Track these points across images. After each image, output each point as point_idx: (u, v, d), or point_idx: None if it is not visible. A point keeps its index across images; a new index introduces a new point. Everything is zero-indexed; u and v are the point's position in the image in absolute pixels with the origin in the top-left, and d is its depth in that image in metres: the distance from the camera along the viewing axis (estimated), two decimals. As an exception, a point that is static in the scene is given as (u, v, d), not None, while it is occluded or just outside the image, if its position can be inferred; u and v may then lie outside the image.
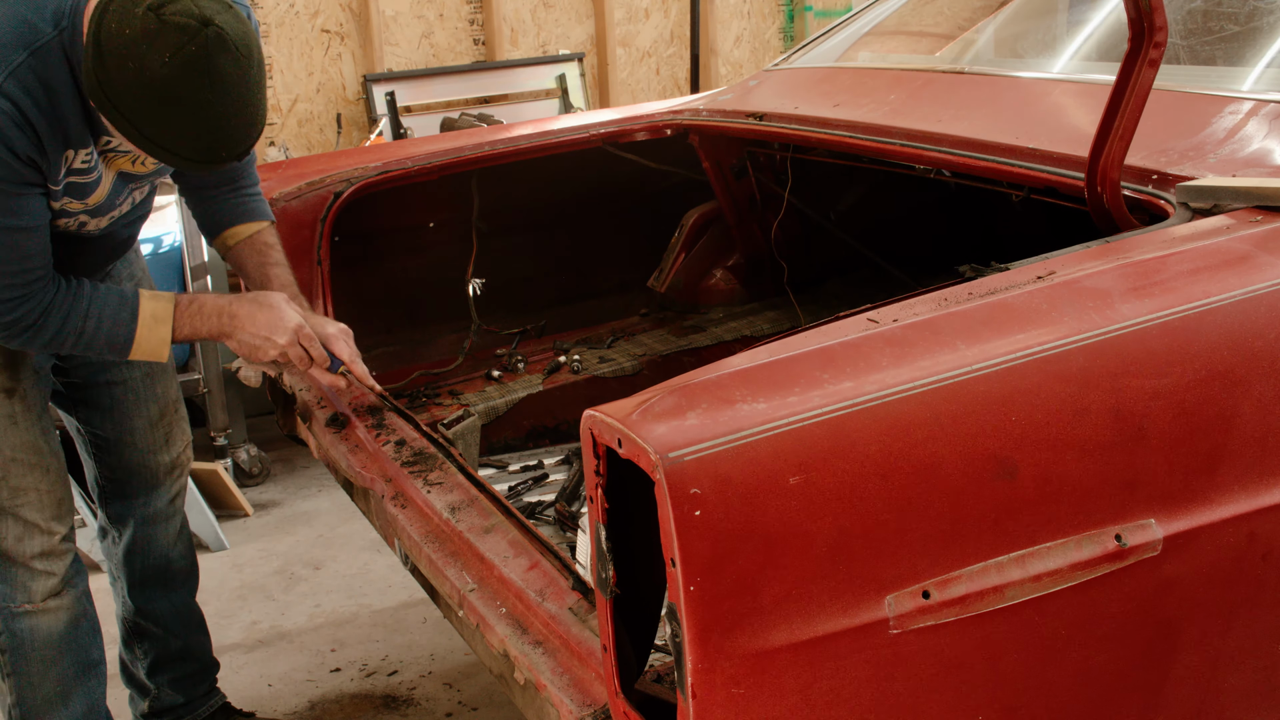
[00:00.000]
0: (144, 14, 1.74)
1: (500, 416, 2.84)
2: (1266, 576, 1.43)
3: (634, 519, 1.29)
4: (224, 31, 1.76)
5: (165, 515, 2.54)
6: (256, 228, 2.35)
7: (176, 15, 1.74)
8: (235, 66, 1.78)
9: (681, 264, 3.20)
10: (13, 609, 2.24)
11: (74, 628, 2.30)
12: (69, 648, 2.30)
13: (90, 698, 2.36)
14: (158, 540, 2.54)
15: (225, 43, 1.76)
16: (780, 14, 6.41)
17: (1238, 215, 1.62)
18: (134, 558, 2.54)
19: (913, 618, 1.23)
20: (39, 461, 2.20)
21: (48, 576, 2.24)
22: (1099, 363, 1.33)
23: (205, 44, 1.75)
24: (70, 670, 2.31)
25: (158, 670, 2.61)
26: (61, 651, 2.29)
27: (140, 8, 1.75)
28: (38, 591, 2.24)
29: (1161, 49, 1.66)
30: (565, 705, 1.44)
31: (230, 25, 1.77)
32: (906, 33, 3.14)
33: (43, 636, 2.27)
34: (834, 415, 1.22)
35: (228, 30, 1.77)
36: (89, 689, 2.35)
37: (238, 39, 1.78)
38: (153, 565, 2.55)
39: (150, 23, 1.74)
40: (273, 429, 2.95)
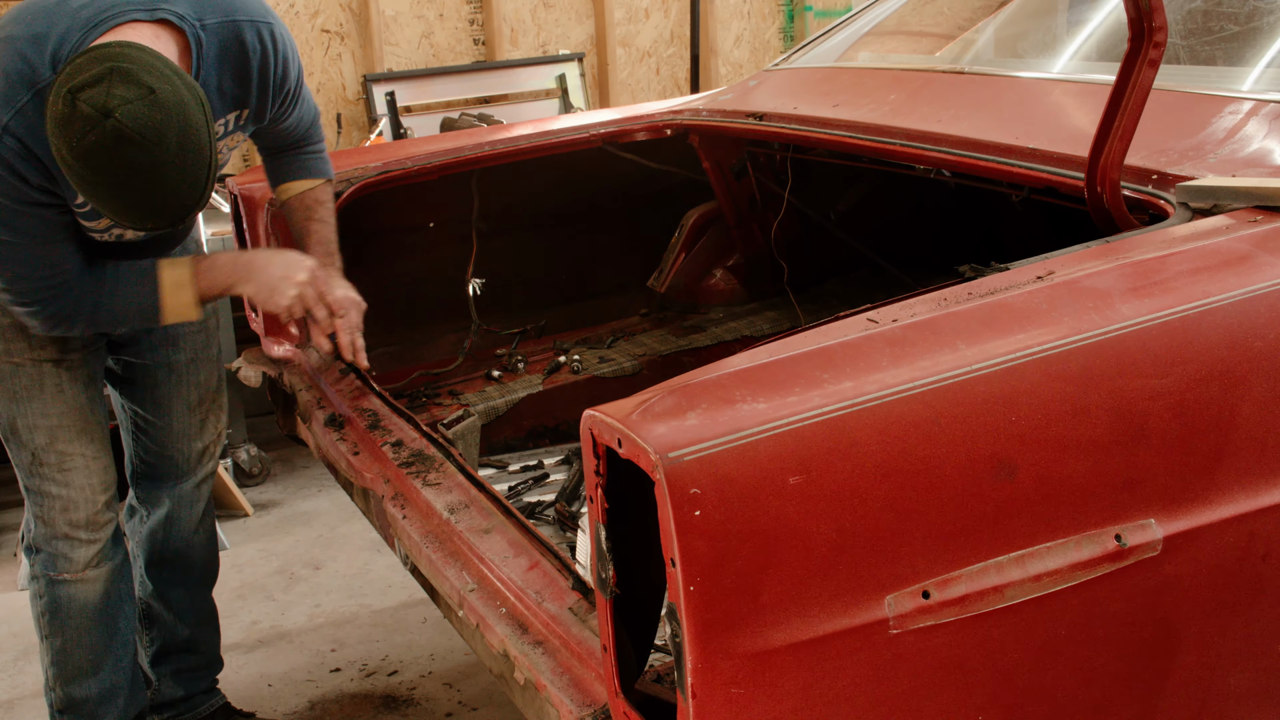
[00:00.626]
0: (65, 96, 1.79)
1: (500, 416, 2.84)
2: (1266, 576, 1.43)
3: (634, 519, 1.29)
4: (122, 126, 1.77)
5: (191, 499, 2.60)
6: (309, 184, 2.43)
7: (85, 104, 1.77)
8: (140, 155, 1.79)
9: (681, 264, 3.20)
10: (53, 576, 2.33)
11: (108, 599, 2.39)
12: (102, 619, 2.39)
13: (118, 667, 2.44)
14: (180, 523, 2.59)
15: (124, 136, 1.77)
16: (780, 14, 6.40)
17: (1238, 215, 1.62)
18: (155, 537, 2.59)
19: (913, 618, 1.23)
20: (85, 429, 2.29)
21: (90, 545, 2.33)
22: (1099, 363, 1.33)
23: (103, 136, 1.77)
24: (101, 641, 2.40)
25: (162, 660, 2.65)
26: (96, 622, 2.38)
27: (65, 88, 1.79)
28: (79, 560, 2.33)
29: (1161, 49, 1.66)
30: (565, 705, 1.44)
31: (136, 116, 1.77)
32: (906, 33, 3.14)
33: (79, 605, 2.36)
34: (834, 415, 1.22)
35: (127, 123, 1.77)
36: (118, 659, 2.44)
37: (141, 129, 1.78)
38: (172, 548, 2.60)
39: (66, 106, 1.79)
40: (273, 429, 2.95)
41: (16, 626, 3.41)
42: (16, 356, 2.23)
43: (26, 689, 3.11)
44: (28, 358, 2.24)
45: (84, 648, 2.39)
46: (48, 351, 2.24)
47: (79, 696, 2.42)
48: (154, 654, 2.66)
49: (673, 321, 3.21)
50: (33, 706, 3.02)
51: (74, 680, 2.41)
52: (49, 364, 2.25)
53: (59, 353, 2.25)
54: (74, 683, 2.41)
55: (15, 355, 2.23)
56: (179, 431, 2.54)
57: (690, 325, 3.18)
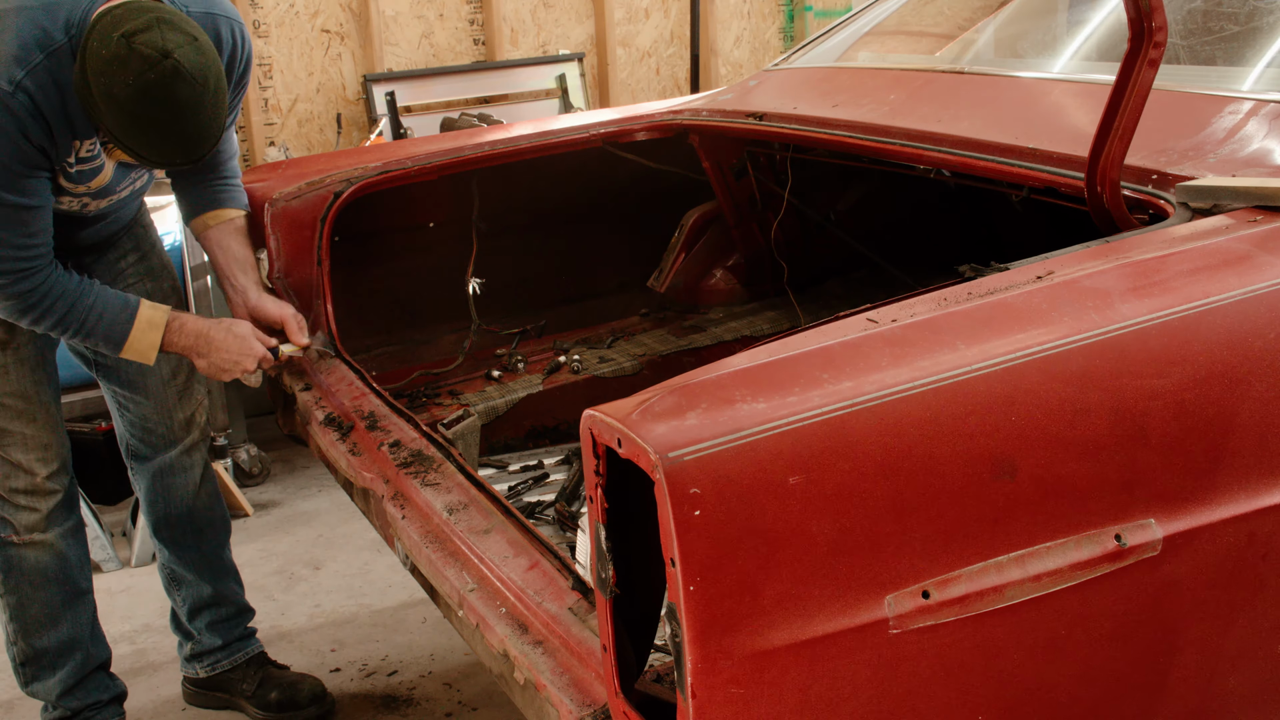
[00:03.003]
0: (118, 40, 2.03)
1: (500, 416, 2.84)
2: (1266, 576, 1.43)
3: (634, 519, 1.29)
4: (180, 65, 2.05)
5: (183, 467, 2.77)
6: (228, 215, 2.58)
7: (143, 45, 2.03)
8: (190, 93, 2.07)
9: (681, 264, 3.20)
10: (2, 538, 2.54)
11: (59, 560, 2.58)
12: (54, 578, 2.59)
13: (77, 622, 2.65)
14: (176, 491, 2.77)
15: (181, 74, 2.05)
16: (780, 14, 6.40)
17: (1238, 215, 1.62)
18: (156, 507, 2.78)
19: (913, 618, 1.23)
20: (26, 409, 2.47)
21: (30, 512, 2.53)
22: (1099, 363, 1.33)
23: (163, 74, 2.04)
24: (57, 598, 2.60)
25: (196, 615, 2.86)
26: (48, 580, 2.58)
27: (117, 33, 2.04)
28: (21, 525, 2.53)
29: (1161, 49, 1.66)
30: (565, 705, 1.44)
31: (189, 58, 2.06)
32: (906, 33, 3.14)
33: (30, 566, 2.56)
34: (834, 415, 1.22)
35: (184, 63, 2.05)
36: (76, 614, 2.64)
37: (194, 70, 2.06)
38: (175, 515, 2.79)
39: (121, 49, 2.03)
40: (273, 429, 2.95)
41: (16, 626, 3.41)
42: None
43: (26, 689, 3.11)
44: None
45: (39, 603, 2.59)
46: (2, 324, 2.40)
47: (38, 648, 2.62)
48: (188, 611, 2.86)
49: (673, 321, 3.21)
50: (33, 706, 3.02)
51: (32, 634, 2.61)
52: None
53: (5, 333, 2.42)
54: (32, 636, 2.61)
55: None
56: (159, 405, 2.71)
57: (690, 325, 3.18)
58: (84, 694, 2.68)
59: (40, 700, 2.71)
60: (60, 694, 2.66)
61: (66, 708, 2.68)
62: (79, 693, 2.68)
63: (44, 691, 2.67)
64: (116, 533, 3.92)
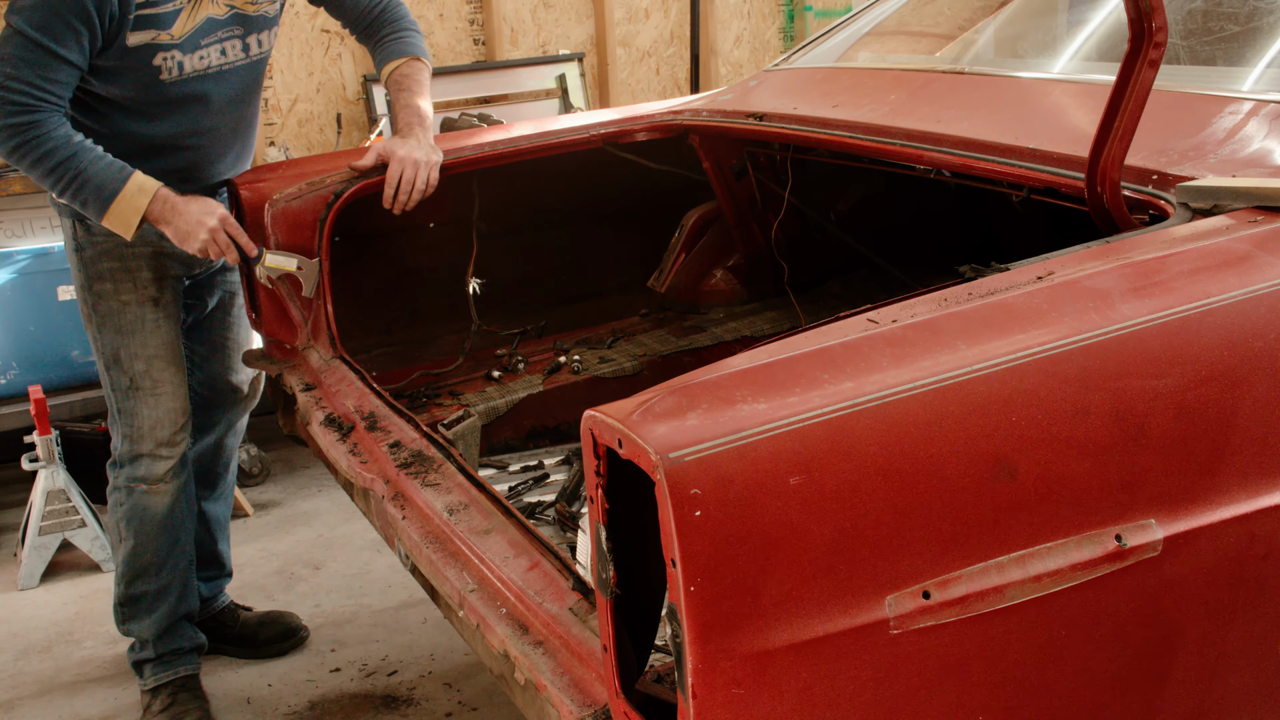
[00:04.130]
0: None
1: (500, 416, 2.84)
2: (1266, 577, 1.43)
3: (634, 519, 1.29)
4: None
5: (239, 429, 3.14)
6: (398, 64, 2.74)
7: None
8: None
9: (681, 264, 3.20)
10: (134, 487, 2.77)
11: (174, 510, 2.81)
12: (168, 526, 2.81)
13: (176, 570, 2.87)
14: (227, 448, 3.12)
15: None
16: (780, 14, 6.40)
17: (1238, 215, 1.62)
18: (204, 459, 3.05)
19: (913, 618, 1.23)
20: (173, 360, 2.73)
21: (167, 460, 2.75)
22: (1099, 363, 1.33)
23: None
24: (165, 546, 2.82)
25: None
26: (162, 528, 2.80)
27: None
28: (157, 473, 2.76)
29: (1161, 49, 1.66)
30: (565, 705, 1.44)
31: None
32: (906, 33, 3.14)
33: (152, 513, 2.79)
34: (834, 415, 1.22)
35: None
36: (176, 563, 2.86)
37: None
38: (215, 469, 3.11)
39: None
40: (273, 429, 2.95)
41: (16, 626, 3.41)
42: (124, 296, 2.67)
43: (26, 689, 3.11)
44: (133, 298, 2.67)
45: (150, 550, 2.81)
46: (149, 293, 2.68)
47: (140, 591, 2.85)
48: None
49: (673, 321, 3.21)
50: (33, 706, 3.02)
51: (139, 578, 2.83)
52: (149, 304, 2.68)
53: (157, 291, 2.69)
54: (138, 580, 2.84)
55: (123, 295, 2.67)
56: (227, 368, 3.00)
57: (690, 325, 3.18)
58: (171, 639, 2.90)
59: (132, 638, 2.93)
60: (153, 636, 2.87)
61: (154, 649, 2.89)
62: (167, 638, 2.89)
63: (137, 631, 2.89)
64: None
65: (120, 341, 2.69)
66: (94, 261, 2.66)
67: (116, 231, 2.49)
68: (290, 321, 2.67)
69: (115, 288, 2.67)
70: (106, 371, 2.72)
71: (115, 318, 2.68)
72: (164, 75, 2.50)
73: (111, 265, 2.66)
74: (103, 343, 2.70)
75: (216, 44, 2.55)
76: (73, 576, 3.69)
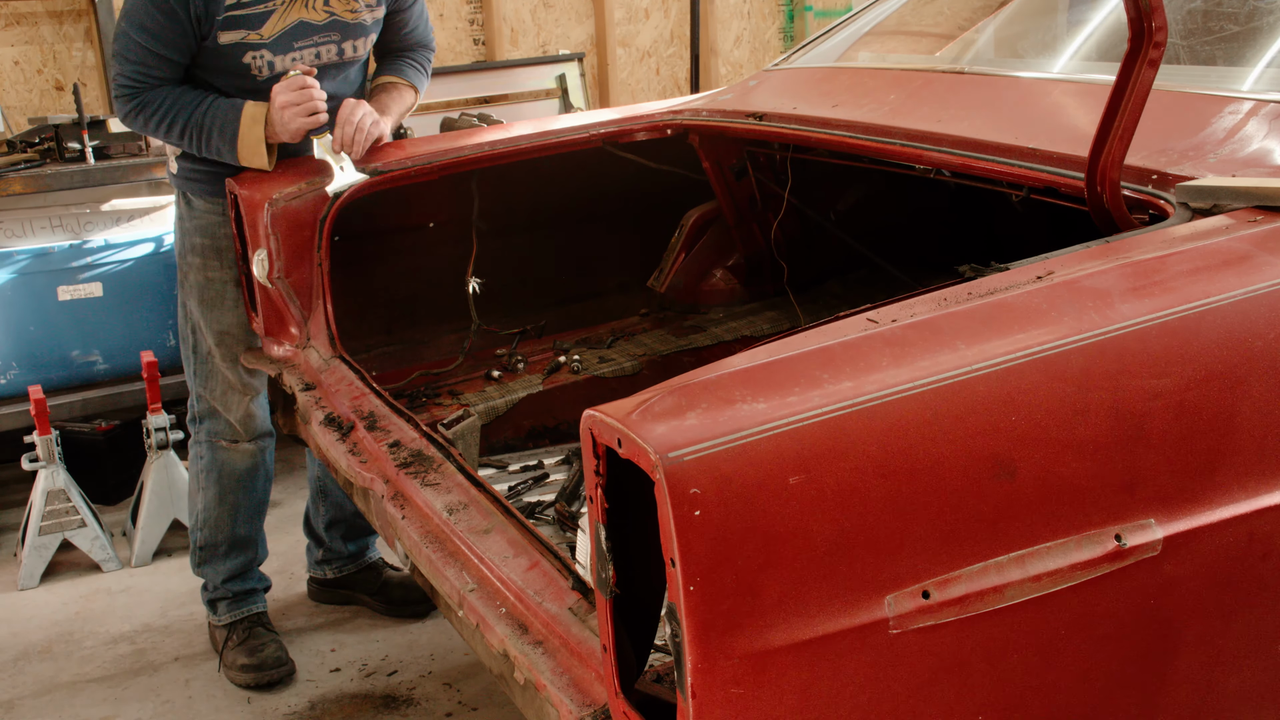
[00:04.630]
0: None
1: (500, 416, 2.84)
2: (1266, 576, 1.43)
3: (634, 519, 1.29)
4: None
5: None
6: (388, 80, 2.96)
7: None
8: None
9: (681, 264, 3.20)
10: (214, 441, 3.00)
11: (253, 470, 3.05)
12: (245, 484, 3.05)
13: (250, 525, 3.12)
14: None
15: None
16: (780, 14, 6.40)
17: (1238, 215, 1.62)
18: None
19: (913, 618, 1.23)
20: (244, 337, 2.87)
21: (239, 426, 2.97)
22: (1099, 363, 1.33)
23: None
24: (240, 501, 3.06)
25: (332, 527, 3.34)
26: (239, 485, 3.04)
27: None
28: (230, 433, 2.98)
29: (1161, 49, 1.66)
30: (565, 705, 1.44)
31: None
32: (906, 33, 3.14)
33: (229, 470, 3.02)
34: (834, 415, 1.22)
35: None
36: (249, 518, 3.11)
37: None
38: None
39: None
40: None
41: (16, 626, 3.41)
42: (210, 272, 2.86)
43: (26, 689, 3.11)
44: (218, 275, 2.85)
45: (226, 505, 3.05)
46: (233, 273, 2.84)
47: (214, 541, 3.08)
48: (326, 522, 3.33)
49: (673, 321, 3.21)
50: (33, 706, 3.02)
51: (215, 525, 3.06)
52: (231, 283, 2.85)
53: (240, 274, 2.80)
54: (215, 527, 3.06)
55: (210, 271, 2.86)
56: None
57: (690, 325, 3.18)
58: (243, 581, 3.15)
59: (205, 579, 3.14)
60: (225, 578, 3.12)
61: (228, 589, 3.13)
62: (239, 579, 3.14)
63: (211, 574, 3.12)
64: (116, 533, 3.92)
65: (202, 311, 2.89)
66: (190, 234, 2.88)
67: (258, 168, 2.66)
68: (290, 321, 2.67)
69: (204, 262, 2.86)
70: (191, 335, 2.94)
71: (201, 290, 2.88)
72: (255, 73, 2.66)
73: (203, 241, 2.86)
74: (190, 310, 2.92)
75: (311, 47, 2.71)
76: (73, 576, 3.69)
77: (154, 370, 3.73)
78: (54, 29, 4.84)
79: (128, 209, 4.25)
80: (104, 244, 4.05)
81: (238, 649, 3.07)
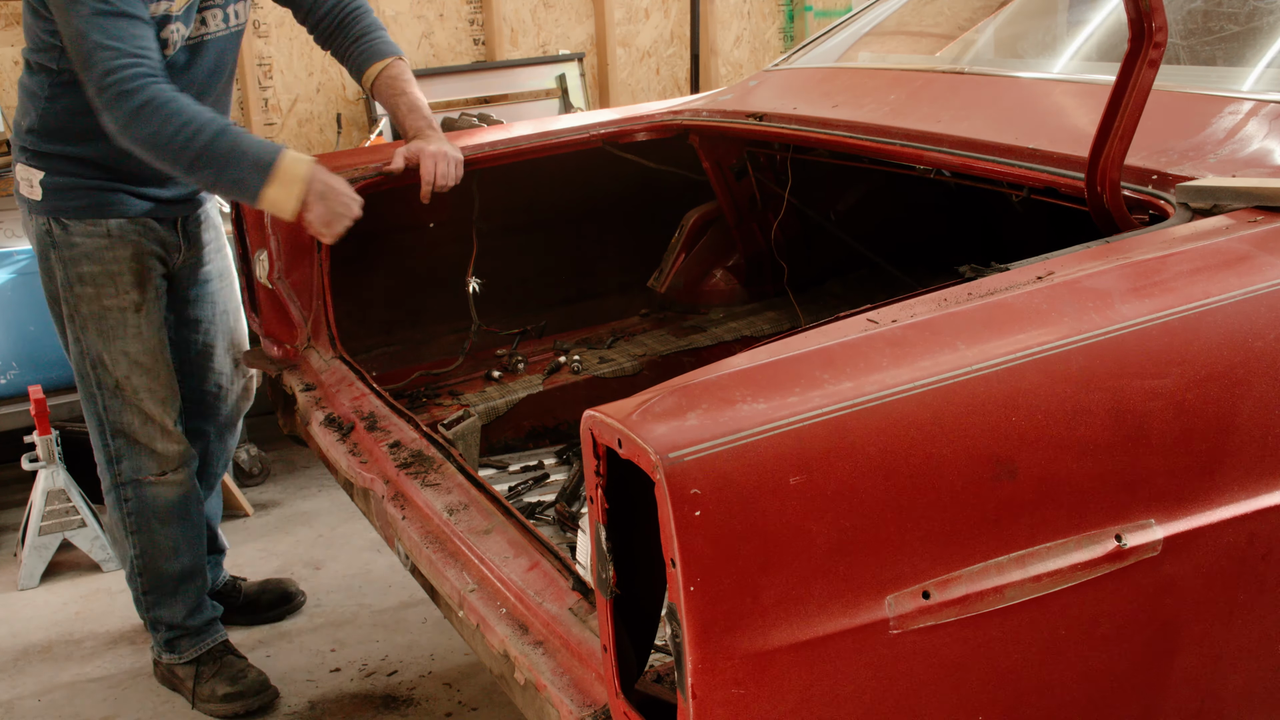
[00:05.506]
0: None
1: (500, 417, 2.84)
2: (1266, 577, 1.43)
3: (634, 519, 1.29)
4: None
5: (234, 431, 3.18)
6: (384, 65, 2.72)
7: None
8: None
9: (681, 264, 3.20)
10: (139, 479, 2.79)
11: (185, 499, 2.85)
12: (180, 513, 2.86)
13: (195, 553, 2.93)
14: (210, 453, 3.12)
15: None
16: (780, 14, 6.40)
17: (1237, 215, 1.62)
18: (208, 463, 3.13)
19: (913, 618, 1.23)
20: (153, 366, 2.71)
21: (163, 457, 2.79)
22: (1099, 363, 1.33)
23: None
24: (180, 531, 2.87)
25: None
26: (175, 515, 2.85)
27: None
28: (156, 467, 2.79)
29: (1161, 49, 1.66)
30: (565, 705, 1.44)
31: None
32: (906, 33, 3.14)
33: (161, 503, 2.82)
34: (834, 415, 1.22)
35: None
36: (193, 545, 2.92)
37: None
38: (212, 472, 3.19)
39: None
40: (273, 429, 2.95)
41: (16, 626, 3.41)
42: (106, 300, 2.63)
43: (26, 689, 3.11)
44: (114, 303, 2.63)
45: (166, 537, 2.85)
46: (131, 297, 2.64)
47: (165, 575, 2.88)
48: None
49: (673, 322, 3.21)
50: (32, 706, 3.02)
51: (158, 564, 2.87)
52: (131, 309, 2.65)
53: (139, 296, 2.65)
54: (159, 566, 2.87)
55: (105, 299, 2.63)
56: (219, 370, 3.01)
57: (690, 325, 3.18)
58: (200, 613, 2.96)
59: (162, 624, 2.94)
60: (184, 616, 2.93)
61: (185, 625, 2.94)
62: (196, 613, 2.95)
63: (168, 616, 2.92)
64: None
65: (103, 345, 2.66)
66: (73, 263, 2.60)
67: (275, 211, 2.40)
68: (290, 321, 2.67)
69: (97, 291, 2.62)
70: (92, 370, 2.69)
71: (97, 321, 2.64)
72: (169, 49, 2.46)
73: (92, 269, 2.60)
74: (86, 344, 2.67)
75: (204, 11, 2.53)
76: (73, 576, 3.68)
77: (154, 370, 3.73)
78: (54, 29, 4.83)
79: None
80: (104, 244, 4.05)
81: (214, 680, 2.91)
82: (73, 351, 2.72)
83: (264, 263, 2.63)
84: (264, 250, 2.63)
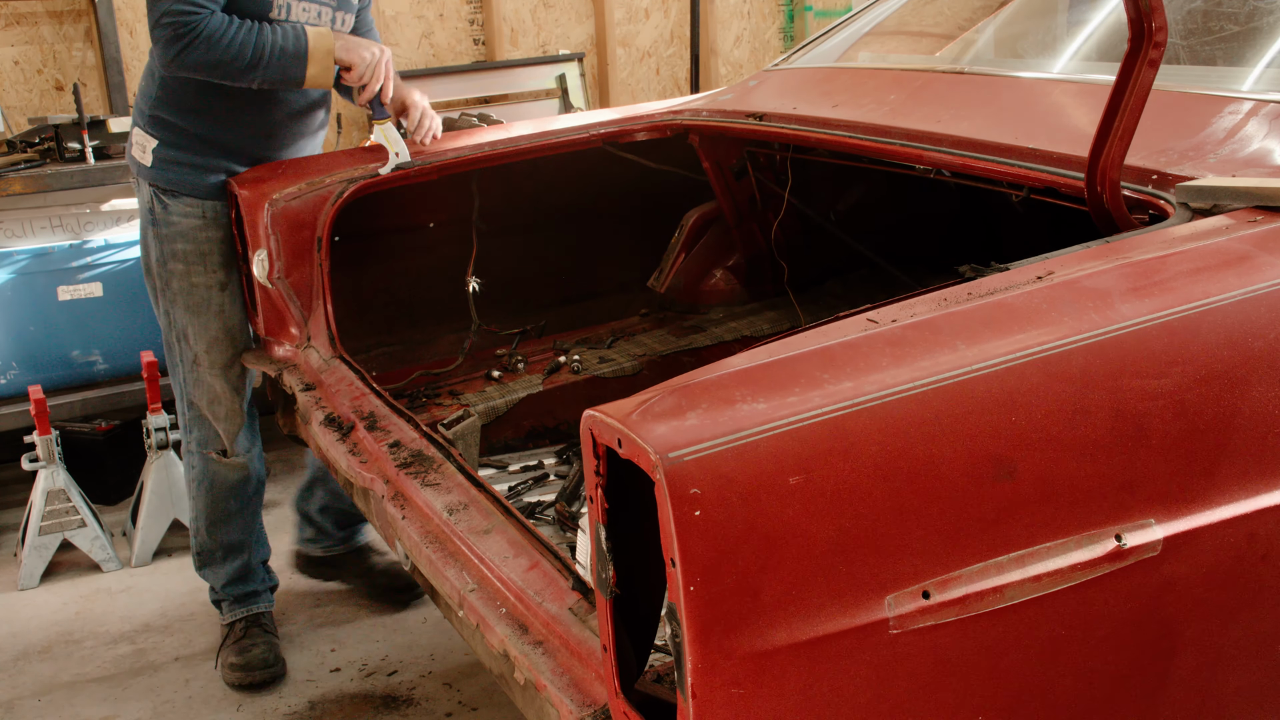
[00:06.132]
0: None
1: (500, 416, 2.84)
2: (1266, 577, 1.43)
3: (634, 519, 1.29)
4: None
5: None
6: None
7: None
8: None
9: (681, 264, 3.20)
10: (204, 452, 3.00)
11: (243, 482, 3.05)
12: (235, 493, 3.06)
13: (246, 528, 3.13)
14: None
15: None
16: (780, 14, 6.40)
17: (1237, 215, 1.62)
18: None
19: (913, 618, 1.23)
20: (232, 345, 2.88)
21: (226, 436, 2.96)
22: (1099, 363, 1.33)
23: None
24: (232, 508, 3.07)
25: (325, 512, 3.40)
26: (230, 494, 3.06)
27: None
28: (218, 444, 2.98)
29: (1161, 49, 1.66)
30: (565, 705, 1.44)
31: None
32: (906, 33, 3.14)
33: (219, 481, 3.03)
34: (834, 415, 1.22)
35: None
36: (245, 521, 3.12)
37: None
38: None
39: None
40: (273, 429, 2.95)
41: (16, 626, 3.41)
42: (195, 278, 2.81)
43: (26, 689, 3.11)
44: (202, 281, 2.81)
45: (219, 514, 3.07)
46: (218, 277, 2.82)
47: (210, 547, 3.11)
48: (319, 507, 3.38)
49: (673, 321, 3.21)
50: (32, 707, 3.02)
51: (208, 535, 3.09)
52: (216, 289, 2.83)
53: (225, 276, 2.83)
54: (210, 535, 3.09)
55: (194, 277, 2.81)
56: None
57: (690, 325, 3.18)
58: (243, 584, 3.16)
59: (208, 581, 3.18)
60: (224, 583, 3.15)
61: (228, 592, 3.15)
62: (239, 583, 3.16)
63: (211, 578, 3.16)
64: (116, 533, 3.92)
65: (189, 320, 2.84)
66: (169, 240, 2.80)
67: (319, 83, 2.66)
68: (290, 321, 2.67)
69: (187, 269, 2.81)
70: (177, 343, 2.89)
71: (186, 296, 2.83)
72: (274, 12, 2.67)
73: (186, 246, 2.80)
74: (174, 317, 2.87)
75: (316, 5, 2.75)
76: (73, 576, 3.69)
77: (154, 370, 3.73)
78: (54, 29, 4.83)
79: (128, 209, 4.24)
80: (104, 244, 4.06)
81: (230, 648, 3.09)
82: (162, 323, 2.93)
83: (263, 263, 2.63)
84: (264, 250, 2.63)
